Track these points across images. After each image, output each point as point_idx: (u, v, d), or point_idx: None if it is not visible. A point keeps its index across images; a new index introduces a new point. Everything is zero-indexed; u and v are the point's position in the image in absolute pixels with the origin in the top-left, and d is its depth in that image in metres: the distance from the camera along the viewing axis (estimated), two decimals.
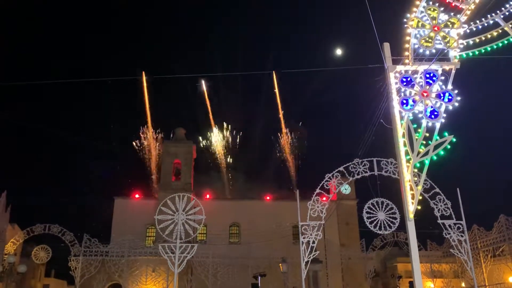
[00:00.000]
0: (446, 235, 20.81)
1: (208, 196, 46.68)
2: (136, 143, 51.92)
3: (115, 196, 45.91)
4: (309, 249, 19.52)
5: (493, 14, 14.00)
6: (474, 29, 14.12)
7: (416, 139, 13.48)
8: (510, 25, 13.79)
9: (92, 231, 38.38)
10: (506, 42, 13.77)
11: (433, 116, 13.48)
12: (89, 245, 36.19)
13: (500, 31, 13.84)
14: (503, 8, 14.00)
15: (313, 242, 19.75)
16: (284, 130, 57.15)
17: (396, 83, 14.10)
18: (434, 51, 13.98)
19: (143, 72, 55.15)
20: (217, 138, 56.89)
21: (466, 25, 14.18)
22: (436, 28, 14.13)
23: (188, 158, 46.86)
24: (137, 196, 46.30)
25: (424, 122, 13.48)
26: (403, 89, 13.95)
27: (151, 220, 29.57)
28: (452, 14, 14.29)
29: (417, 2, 14.40)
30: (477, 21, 14.12)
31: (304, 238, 19.81)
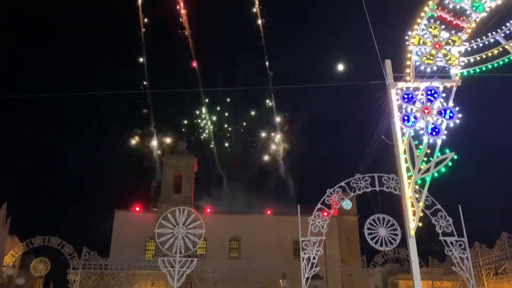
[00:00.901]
0: (447, 252, 20.60)
1: (208, 210, 46.52)
2: (137, 154, 52.10)
3: (116, 209, 45.81)
4: (309, 265, 19.34)
5: (493, 33, 14.14)
6: (475, 47, 14.24)
7: (418, 155, 13.48)
8: (511, 44, 13.92)
9: (92, 244, 38.04)
10: (507, 60, 13.87)
11: (434, 133, 13.52)
12: (88, 258, 35.92)
13: (501, 49, 13.95)
14: (503, 27, 14.16)
15: (314, 258, 19.56)
16: (284, 146, 57.25)
17: (397, 100, 14.18)
18: (435, 68, 14.09)
19: None
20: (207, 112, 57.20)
21: (467, 43, 14.31)
22: (437, 46, 14.26)
23: (189, 171, 46.86)
24: (137, 209, 46.14)
25: (425, 139, 13.51)
26: (404, 106, 14.03)
27: (151, 233, 29.39)
28: (453, 32, 14.43)
29: (419, 20, 14.56)
30: (478, 39, 14.25)
31: (304, 253, 19.65)
